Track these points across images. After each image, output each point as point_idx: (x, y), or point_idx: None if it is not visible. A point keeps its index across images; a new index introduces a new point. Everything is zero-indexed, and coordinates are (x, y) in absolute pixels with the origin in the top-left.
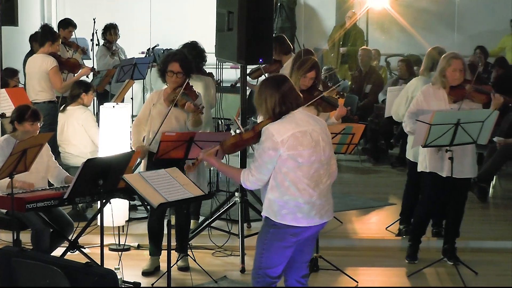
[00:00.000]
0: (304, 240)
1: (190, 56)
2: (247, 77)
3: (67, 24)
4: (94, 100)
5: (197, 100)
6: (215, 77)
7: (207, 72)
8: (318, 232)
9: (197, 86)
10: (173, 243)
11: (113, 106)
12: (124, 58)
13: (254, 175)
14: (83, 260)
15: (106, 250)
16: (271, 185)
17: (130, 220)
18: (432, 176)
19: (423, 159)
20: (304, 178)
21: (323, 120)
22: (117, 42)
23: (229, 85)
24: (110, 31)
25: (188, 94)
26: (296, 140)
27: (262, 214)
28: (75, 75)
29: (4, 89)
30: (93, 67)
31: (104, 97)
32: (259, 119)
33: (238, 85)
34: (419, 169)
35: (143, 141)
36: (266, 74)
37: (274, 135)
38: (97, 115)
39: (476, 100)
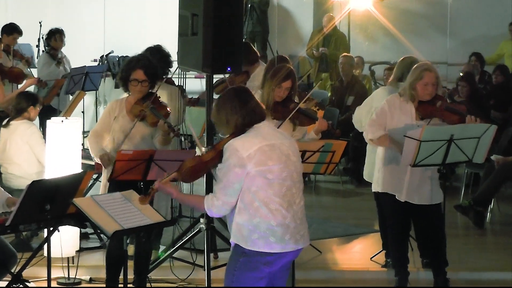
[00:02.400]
0: (277, 271)
1: (154, 61)
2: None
3: (12, 29)
4: None
5: (170, 119)
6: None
7: (177, 84)
8: (292, 261)
9: (162, 96)
10: (131, 275)
11: (62, 121)
12: (68, 69)
13: (220, 199)
14: None
15: (54, 284)
16: (239, 207)
17: (81, 250)
18: (389, 197)
19: (378, 178)
20: (276, 197)
21: (289, 136)
22: (62, 49)
23: (194, 98)
24: (55, 36)
25: (158, 109)
26: (264, 154)
27: (230, 241)
28: (20, 86)
29: None
30: (39, 78)
31: (48, 111)
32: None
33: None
34: (374, 188)
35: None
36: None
37: (239, 150)
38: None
39: (447, 120)
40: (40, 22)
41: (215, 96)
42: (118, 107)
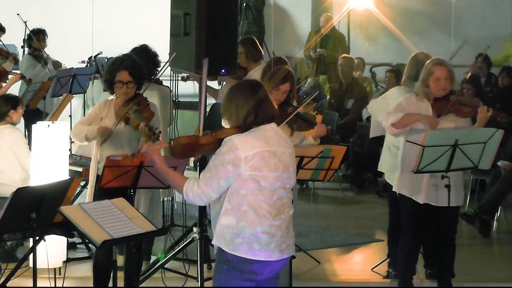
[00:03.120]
0: (263, 281)
1: (141, 62)
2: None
3: None
4: None
5: (154, 121)
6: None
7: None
8: (279, 273)
9: (153, 97)
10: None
11: (48, 125)
12: (52, 69)
13: (201, 187)
14: None
15: None
16: (226, 208)
17: (68, 260)
18: (409, 201)
19: (398, 179)
20: (265, 204)
21: (292, 145)
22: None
23: (180, 79)
24: (37, 36)
25: (141, 111)
26: (263, 160)
27: (213, 243)
28: (4, 85)
29: None
30: (22, 74)
31: (33, 114)
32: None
33: (191, 79)
34: (395, 189)
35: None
36: (223, 83)
37: (238, 148)
38: (26, 136)
39: (460, 114)
40: (25, 22)
41: (211, 84)
42: (106, 108)
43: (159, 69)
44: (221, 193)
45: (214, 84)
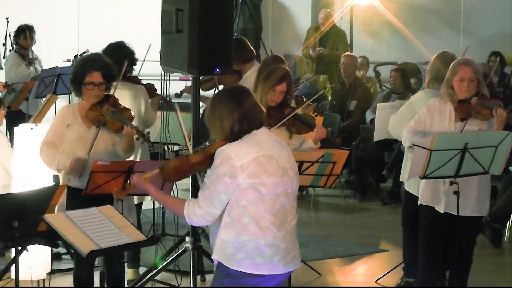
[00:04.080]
0: None
1: (116, 59)
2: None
3: None
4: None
5: (134, 122)
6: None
7: (146, 83)
8: (281, 284)
9: (124, 96)
10: None
11: (31, 128)
12: (39, 69)
13: (203, 208)
14: None
15: None
16: (225, 221)
17: (52, 272)
18: (428, 211)
19: (419, 189)
20: (267, 214)
21: (288, 146)
22: (32, 48)
23: (174, 94)
24: (25, 34)
25: (120, 112)
26: (260, 165)
27: (212, 257)
28: None
29: None
30: (6, 82)
31: (16, 116)
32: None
33: (185, 94)
34: (420, 201)
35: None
36: (220, 87)
37: (232, 158)
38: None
39: (479, 116)
40: (7, 18)
41: (202, 93)
42: (71, 114)
43: (135, 67)
44: (224, 208)
45: (209, 93)
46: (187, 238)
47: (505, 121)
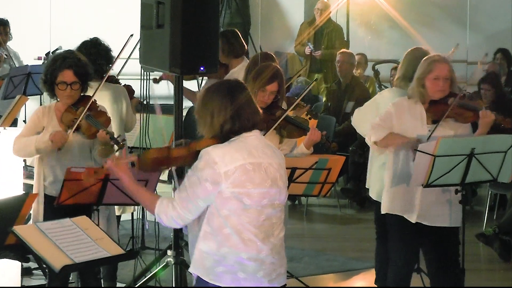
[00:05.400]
0: None
1: (91, 57)
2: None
3: None
4: None
5: (112, 126)
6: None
7: (124, 84)
8: None
9: (103, 97)
10: None
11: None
12: (17, 66)
13: (176, 210)
14: None
15: None
16: (205, 231)
17: None
18: (397, 219)
19: (385, 197)
20: (251, 226)
21: (282, 154)
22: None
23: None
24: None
25: (95, 116)
26: (246, 174)
27: (190, 270)
28: None
29: None
30: None
31: None
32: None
33: (164, 80)
34: (383, 210)
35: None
36: (204, 80)
37: (217, 163)
38: None
39: (460, 119)
40: None
41: (186, 85)
42: (47, 116)
43: (111, 65)
44: (200, 214)
45: (192, 84)
46: (169, 252)
47: (491, 123)
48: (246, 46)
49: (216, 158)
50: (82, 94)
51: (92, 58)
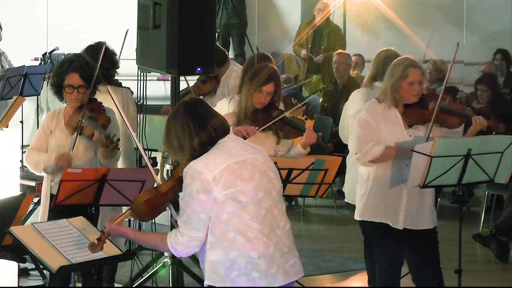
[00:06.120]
0: None
1: (95, 62)
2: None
3: None
4: None
5: (110, 127)
6: (134, 93)
7: (124, 86)
8: None
9: (111, 101)
10: None
11: None
12: (7, 68)
13: (185, 234)
14: None
15: None
16: (210, 241)
17: None
18: (380, 227)
19: (365, 204)
20: (254, 223)
21: (262, 149)
22: None
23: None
24: None
25: (95, 118)
26: (233, 173)
27: (205, 284)
28: None
29: None
30: None
31: None
32: None
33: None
34: (358, 216)
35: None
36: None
37: (202, 172)
38: None
39: (445, 124)
40: None
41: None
42: (55, 120)
43: (117, 70)
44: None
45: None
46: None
47: (481, 129)
48: (241, 48)
49: (200, 168)
50: (90, 98)
51: (96, 63)
